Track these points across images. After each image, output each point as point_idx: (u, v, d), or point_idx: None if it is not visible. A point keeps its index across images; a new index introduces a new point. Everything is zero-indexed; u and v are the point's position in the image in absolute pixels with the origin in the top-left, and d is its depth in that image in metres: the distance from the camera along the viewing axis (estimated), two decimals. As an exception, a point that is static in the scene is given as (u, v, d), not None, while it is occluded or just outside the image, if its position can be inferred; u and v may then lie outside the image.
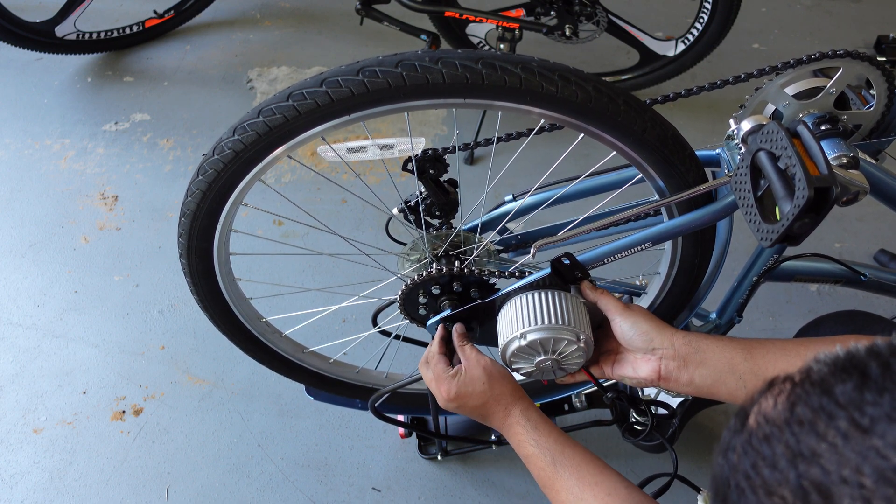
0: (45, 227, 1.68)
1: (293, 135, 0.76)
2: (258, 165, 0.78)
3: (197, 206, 0.82)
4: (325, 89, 0.71)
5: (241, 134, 0.76)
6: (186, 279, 0.93)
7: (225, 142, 0.77)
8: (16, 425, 1.33)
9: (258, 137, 0.75)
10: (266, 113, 0.74)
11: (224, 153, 0.77)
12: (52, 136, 1.92)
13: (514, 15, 1.75)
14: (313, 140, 0.77)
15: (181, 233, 0.86)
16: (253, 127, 0.75)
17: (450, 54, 0.71)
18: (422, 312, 0.97)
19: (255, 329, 1.02)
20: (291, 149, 0.77)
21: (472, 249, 0.97)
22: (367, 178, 1.74)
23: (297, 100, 0.72)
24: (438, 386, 0.85)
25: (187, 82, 2.10)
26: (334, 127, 0.75)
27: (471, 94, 0.72)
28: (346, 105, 0.72)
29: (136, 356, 1.43)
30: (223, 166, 0.78)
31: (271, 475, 1.25)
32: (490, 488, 1.23)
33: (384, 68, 0.71)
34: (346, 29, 2.26)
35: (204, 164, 0.80)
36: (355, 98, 0.72)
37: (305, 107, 0.72)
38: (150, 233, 1.66)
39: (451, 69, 0.70)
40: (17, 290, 1.55)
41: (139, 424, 1.33)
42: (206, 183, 0.80)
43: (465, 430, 1.26)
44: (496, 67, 0.70)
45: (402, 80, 0.70)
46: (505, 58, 0.72)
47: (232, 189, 0.81)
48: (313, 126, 0.75)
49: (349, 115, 0.74)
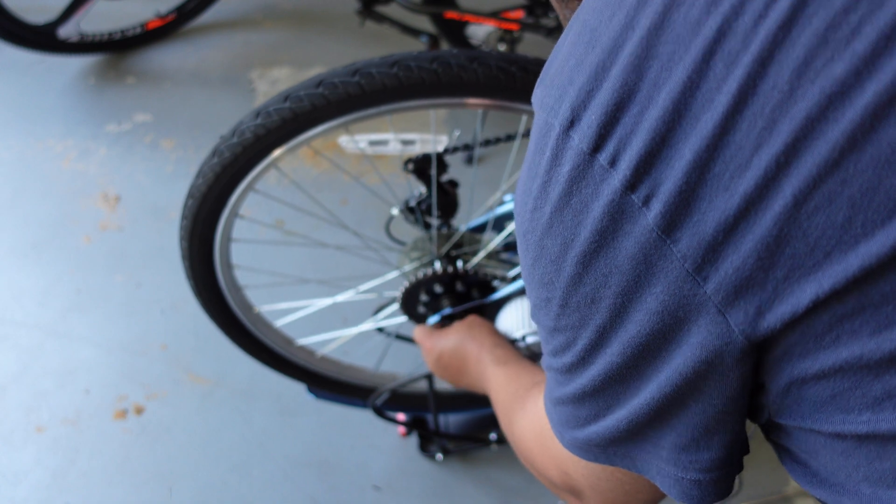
0: (47, 227, 1.69)
1: (318, 123, 0.76)
2: (277, 151, 0.79)
3: (208, 189, 0.82)
4: (357, 80, 0.72)
5: (264, 118, 0.76)
6: (184, 263, 0.93)
7: (247, 125, 0.77)
8: (19, 424, 1.34)
9: (283, 123, 0.75)
10: (294, 100, 0.74)
11: (245, 136, 0.77)
12: (54, 137, 1.93)
13: (513, 16, 1.75)
14: (336, 130, 0.78)
15: (185, 215, 0.86)
16: (279, 112, 0.75)
17: (484, 55, 0.72)
18: (421, 311, 0.98)
19: (248, 319, 1.03)
20: (315, 137, 0.77)
21: (473, 249, 0.98)
22: (367, 179, 1.75)
23: (327, 88, 0.73)
24: (423, 341, 0.90)
25: (189, 83, 2.11)
26: (359, 119, 0.76)
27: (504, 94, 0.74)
28: (378, 98, 0.73)
29: (138, 355, 1.44)
30: (242, 149, 0.78)
31: (272, 474, 1.26)
32: (490, 486, 1.24)
33: (418, 63, 0.72)
34: (346, 30, 2.27)
35: (220, 146, 0.79)
36: (388, 91, 0.73)
37: (335, 96, 0.73)
38: (152, 233, 1.67)
39: (486, 69, 0.72)
40: (20, 289, 1.56)
41: (141, 423, 1.33)
42: (222, 165, 0.80)
43: (466, 429, 1.27)
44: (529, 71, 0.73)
45: (436, 77, 0.72)
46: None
47: (247, 173, 0.81)
48: (340, 116, 0.75)
49: (377, 108, 0.75)
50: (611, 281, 0.36)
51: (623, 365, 0.38)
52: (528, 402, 0.63)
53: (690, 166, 0.32)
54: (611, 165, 0.34)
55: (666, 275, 0.34)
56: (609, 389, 0.41)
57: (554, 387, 0.45)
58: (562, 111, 0.36)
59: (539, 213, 0.38)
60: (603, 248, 0.35)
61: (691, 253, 0.33)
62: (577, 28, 0.38)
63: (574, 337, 0.40)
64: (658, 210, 0.33)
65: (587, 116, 0.34)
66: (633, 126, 0.33)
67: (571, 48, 0.37)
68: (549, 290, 0.40)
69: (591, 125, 0.34)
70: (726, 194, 0.31)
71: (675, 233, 0.33)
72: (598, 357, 0.39)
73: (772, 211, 0.31)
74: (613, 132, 0.34)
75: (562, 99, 0.36)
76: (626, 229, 0.34)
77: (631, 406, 0.40)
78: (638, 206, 0.33)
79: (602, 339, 0.38)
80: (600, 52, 0.35)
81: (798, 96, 0.29)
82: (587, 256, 0.36)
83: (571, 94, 0.35)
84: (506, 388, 0.72)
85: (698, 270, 0.33)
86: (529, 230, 0.39)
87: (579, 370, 0.41)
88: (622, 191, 0.33)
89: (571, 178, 0.35)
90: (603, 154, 0.34)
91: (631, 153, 0.33)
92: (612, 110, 0.34)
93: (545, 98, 0.37)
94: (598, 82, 0.34)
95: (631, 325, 0.36)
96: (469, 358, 0.84)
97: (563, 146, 0.35)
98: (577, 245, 0.36)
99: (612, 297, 0.36)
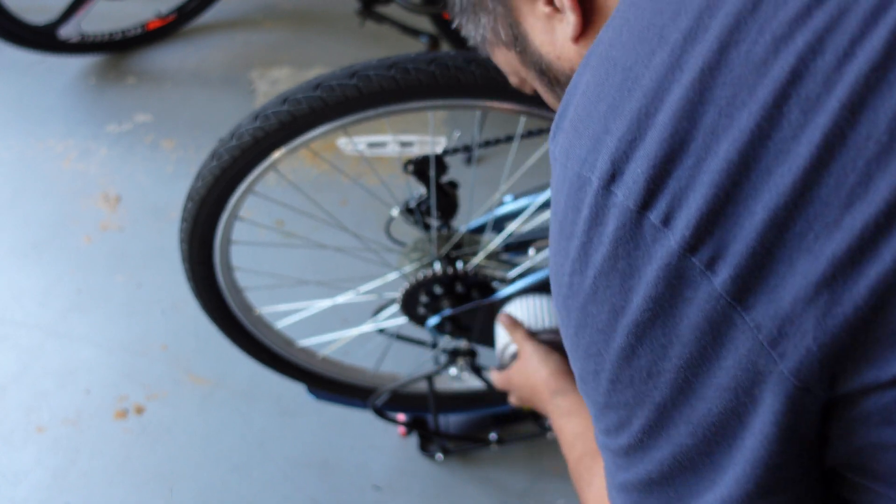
0: (47, 228, 1.69)
1: (316, 126, 0.76)
2: (276, 154, 0.78)
3: (207, 192, 0.82)
4: (354, 82, 0.72)
5: (263, 121, 0.76)
6: (184, 265, 0.93)
7: (245, 128, 0.77)
8: (19, 424, 1.34)
9: (281, 126, 0.75)
10: (292, 102, 0.74)
11: (244, 139, 0.77)
12: (55, 137, 1.93)
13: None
14: (335, 133, 0.78)
15: (185, 217, 0.86)
16: (277, 116, 0.75)
17: (481, 57, 0.72)
18: (421, 312, 0.98)
19: (248, 320, 1.03)
20: (313, 140, 0.77)
21: (473, 250, 0.98)
22: (367, 180, 1.75)
23: (325, 91, 0.73)
24: (504, 386, 0.87)
25: (189, 83, 2.11)
26: (358, 121, 0.76)
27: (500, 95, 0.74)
28: (376, 100, 0.73)
29: (138, 356, 1.44)
30: (240, 152, 0.78)
31: (272, 474, 1.26)
32: (490, 487, 1.24)
33: (415, 65, 0.72)
34: (346, 30, 2.27)
35: (219, 149, 0.79)
36: (385, 93, 0.72)
37: (333, 98, 0.73)
38: (152, 233, 1.67)
39: (484, 71, 0.71)
40: (21, 289, 1.56)
41: (142, 424, 1.34)
42: (220, 168, 0.80)
43: (466, 430, 1.28)
44: None
45: (433, 79, 0.71)
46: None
47: (245, 175, 0.81)
48: (337, 119, 0.75)
49: (375, 110, 0.75)
50: (670, 353, 0.32)
51: (694, 448, 0.34)
52: (595, 477, 0.57)
53: (765, 225, 0.28)
54: (664, 224, 0.30)
55: (737, 346, 0.30)
56: (679, 477, 0.36)
57: (614, 471, 0.40)
58: (599, 164, 0.32)
59: (580, 277, 0.34)
60: (659, 316, 0.31)
61: (766, 323, 0.29)
62: (601, 67, 0.34)
63: (629, 416, 0.36)
64: (727, 274, 0.29)
65: (631, 169, 0.31)
66: (688, 179, 0.29)
67: (598, 90, 0.33)
68: (598, 363, 0.35)
69: (637, 180, 0.31)
70: (809, 257, 0.28)
71: (747, 299, 0.29)
72: (660, 439, 0.35)
73: (867, 278, 0.27)
74: (665, 187, 0.30)
75: (597, 150, 0.32)
76: (686, 295, 0.30)
77: (706, 500, 0.35)
78: (700, 269, 0.30)
79: (663, 418, 0.34)
80: (641, 96, 0.31)
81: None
82: (641, 326, 0.32)
83: (610, 144, 0.32)
84: (572, 446, 0.66)
85: (774, 344, 0.29)
86: (569, 295, 0.35)
87: (639, 453, 0.37)
88: (680, 253, 0.30)
89: (617, 239, 0.31)
90: (654, 212, 0.30)
91: (689, 211, 0.29)
92: (661, 162, 0.30)
93: (573, 148, 0.33)
94: (642, 130, 0.31)
95: (699, 402, 0.32)
96: (537, 400, 0.80)
97: (605, 203, 0.32)
98: (628, 313, 0.32)
99: (674, 372, 0.32)
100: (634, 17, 0.33)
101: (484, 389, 1.18)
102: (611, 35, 0.34)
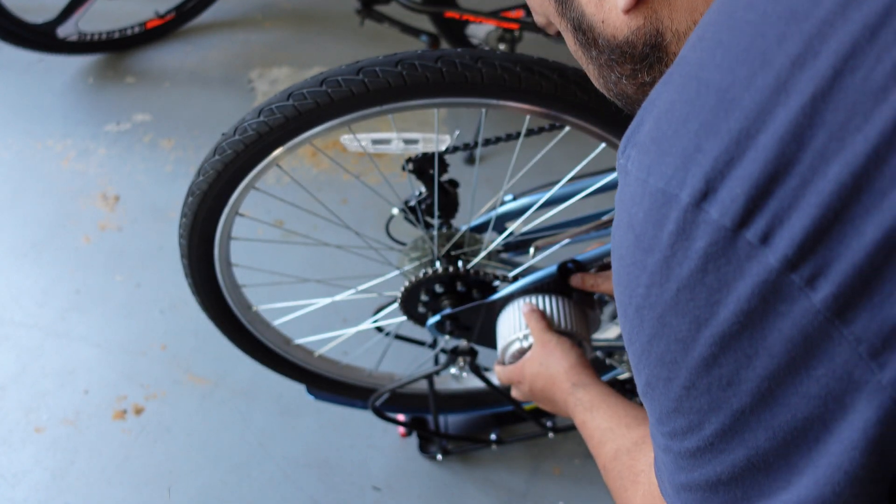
0: (46, 227, 1.69)
1: (322, 121, 0.75)
2: (279, 149, 0.78)
3: (209, 187, 0.82)
4: (361, 78, 0.72)
5: (267, 116, 0.75)
6: (183, 261, 0.92)
7: (249, 122, 0.76)
8: (18, 424, 1.33)
9: (286, 121, 0.75)
10: (297, 97, 0.74)
11: (247, 133, 0.76)
12: (53, 137, 1.93)
13: (513, 16, 1.75)
14: (339, 129, 0.78)
15: (185, 212, 0.86)
16: (281, 110, 0.74)
17: (488, 55, 0.71)
18: (421, 311, 0.98)
19: (245, 318, 1.03)
20: (315, 137, 0.77)
21: (473, 249, 0.98)
22: (367, 179, 1.75)
23: (331, 86, 0.72)
24: (509, 380, 0.86)
25: (188, 83, 2.10)
26: (363, 117, 0.76)
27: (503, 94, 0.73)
28: (382, 96, 0.73)
29: (137, 356, 1.44)
30: (244, 147, 0.77)
31: (272, 474, 1.26)
32: (490, 487, 1.23)
33: (423, 62, 0.71)
34: (346, 30, 2.26)
35: (222, 143, 0.79)
36: (392, 90, 0.72)
37: (339, 94, 0.72)
38: (151, 233, 1.67)
39: (490, 69, 0.71)
40: (19, 289, 1.56)
41: (141, 424, 1.33)
42: (223, 163, 0.79)
43: (466, 430, 1.27)
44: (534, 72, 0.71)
45: (440, 76, 0.71)
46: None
47: (248, 171, 0.81)
48: (343, 115, 0.75)
49: (381, 107, 0.74)
50: (755, 363, 0.33)
51: (771, 451, 0.35)
52: (639, 476, 0.57)
53: (876, 244, 0.29)
54: (762, 242, 0.31)
55: (831, 357, 0.31)
56: (750, 478, 0.36)
57: (675, 471, 0.41)
58: (689, 181, 0.32)
59: (660, 289, 0.35)
60: (748, 328, 0.32)
61: (868, 336, 0.30)
62: (689, 87, 0.34)
63: (701, 420, 0.36)
64: (829, 291, 0.30)
65: (728, 188, 0.31)
66: (791, 200, 0.30)
67: (687, 109, 0.34)
68: (672, 370, 0.36)
69: (735, 199, 0.31)
70: None
71: (848, 314, 0.30)
72: (733, 443, 0.36)
73: None
74: (765, 206, 0.31)
75: (686, 167, 0.33)
76: (780, 310, 0.31)
77: (780, 500, 0.36)
78: (799, 286, 0.30)
79: (740, 423, 0.35)
80: (742, 117, 0.32)
81: None
82: (726, 338, 0.33)
83: (703, 162, 0.32)
84: (601, 442, 0.66)
85: (874, 355, 0.30)
86: (644, 306, 0.36)
87: (708, 455, 0.37)
88: (780, 270, 0.31)
89: (707, 255, 0.32)
90: (751, 230, 0.31)
91: (791, 230, 0.30)
92: (763, 182, 0.31)
93: (655, 165, 0.34)
94: (741, 151, 0.31)
95: (781, 409, 0.33)
96: (555, 392, 0.79)
97: (695, 220, 0.32)
98: (713, 325, 0.33)
99: (757, 381, 0.33)
100: (730, 40, 0.33)
101: (484, 389, 1.18)
102: (700, 56, 0.34)
